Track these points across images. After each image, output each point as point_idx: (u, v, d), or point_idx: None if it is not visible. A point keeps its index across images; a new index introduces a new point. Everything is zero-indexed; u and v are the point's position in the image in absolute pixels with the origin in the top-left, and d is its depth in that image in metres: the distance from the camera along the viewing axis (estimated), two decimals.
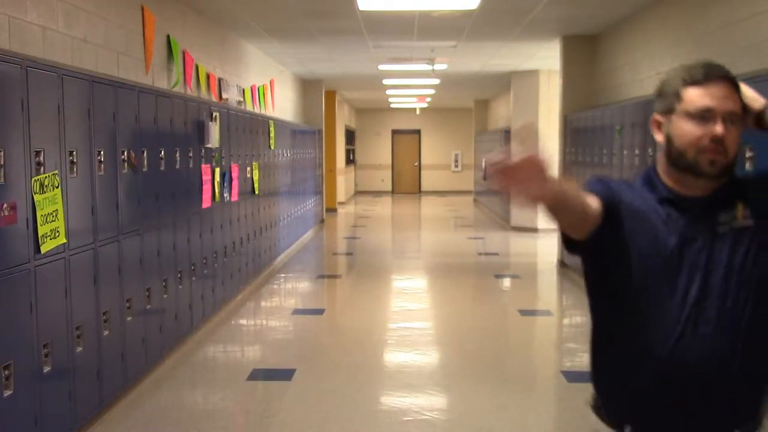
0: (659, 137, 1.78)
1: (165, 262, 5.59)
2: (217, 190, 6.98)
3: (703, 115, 1.70)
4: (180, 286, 5.94)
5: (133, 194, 4.98)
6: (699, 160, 1.71)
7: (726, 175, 1.75)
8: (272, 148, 9.78)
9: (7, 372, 3.39)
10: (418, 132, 26.08)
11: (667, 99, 1.76)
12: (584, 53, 9.53)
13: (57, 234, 3.85)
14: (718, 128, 1.69)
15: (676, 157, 1.74)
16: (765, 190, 1.77)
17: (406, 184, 26.17)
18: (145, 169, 5.17)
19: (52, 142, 3.87)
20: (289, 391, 5.10)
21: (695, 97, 1.71)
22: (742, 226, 1.74)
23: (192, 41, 7.17)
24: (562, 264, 9.86)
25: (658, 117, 1.78)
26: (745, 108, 1.79)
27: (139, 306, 5.05)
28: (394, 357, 6.09)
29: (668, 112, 1.75)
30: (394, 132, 26.11)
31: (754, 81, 4.65)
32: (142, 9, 5.85)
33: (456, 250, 12.08)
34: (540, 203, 1.55)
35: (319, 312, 7.60)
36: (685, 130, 1.71)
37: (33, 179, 3.64)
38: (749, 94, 1.84)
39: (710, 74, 1.73)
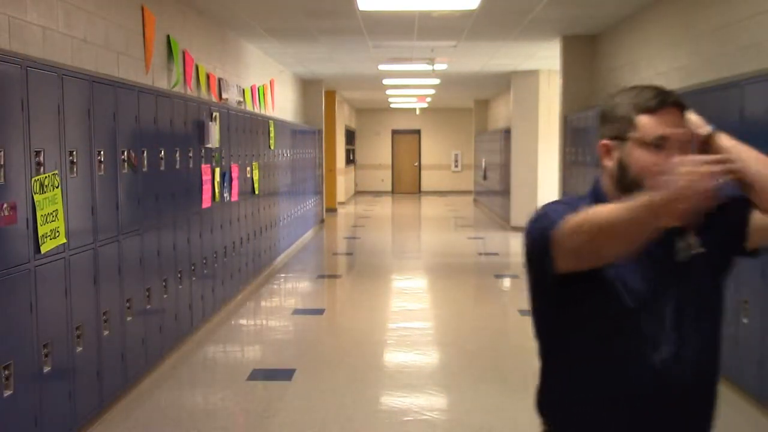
0: (609, 162, 1.77)
1: (165, 262, 5.59)
2: (217, 190, 6.98)
3: (658, 144, 1.69)
4: (180, 286, 5.94)
5: (133, 194, 4.98)
6: (653, 189, 1.70)
7: None
8: (272, 148, 9.78)
9: (7, 372, 3.39)
10: (418, 132, 26.08)
11: (618, 125, 1.75)
12: (584, 53, 9.53)
13: (57, 234, 3.85)
14: (674, 157, 1.65)
15: (629, 185, 1.71)
16: (712, 218, 1.71)
17: (406, 184, 26.16)
18: (145, 169, 5.17)
19: (52, 142, 3.87)
20: (289, 391, 5.10)
21: (649, 124, 1.70)
22: (697, 253, 1.76)
23: (192, 41, 7.17)
24: None
25: (607, 142, 1.77)
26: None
27: (139, 306, 5.04)
28: (394, 357, 6.09)
29: (620, 138, 1.74)
30: (394, 132, 26.11)
31: (755, 81, 4.67)
32: (142, 9, 5.85)
33: (456, 250, 12.08)
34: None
35: (319, 312, 7.60)
36: (640, 159, 1.70)
37: (33, 179, 3.64)
38: (695, 120, 1.84)
39: (664, 101, 1.72)
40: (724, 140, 1.81)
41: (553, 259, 1.65)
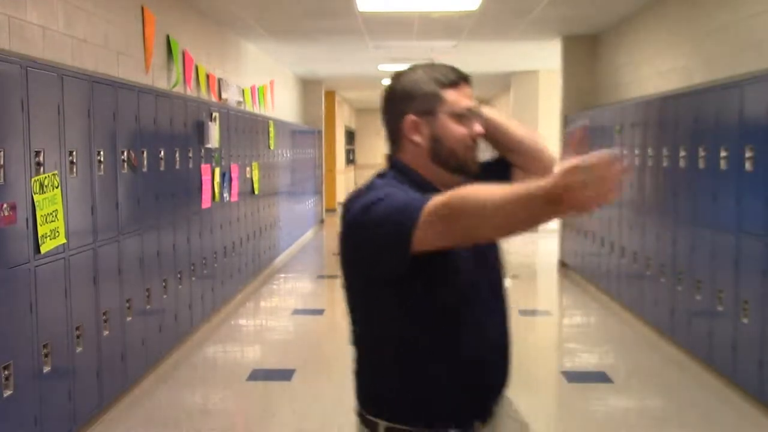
0: (418, 138, 1.79)
1: (165, 262, 5.59)
2: (216, 191, 6.98)
3: (465, 115, 1.78)
4: (180, 286, 5.94)
5: (133, 194, 4.98)
6: (467, 158, 1.80)
7: None
8: (272, 148, 9.77)
9: (7, 372, 3.39)
10: None
11: (424, 101, 1.78)
12: (584, 53, 9.53)
13: (57, 234, 3.85)
14: (479, 127, 1.80)
15: (446, 157, 1.78)
16: (494, 177, 1.74)
17: None
18: (144, 169, 5.17)
19: (52, 142, 3.87)
20: (289, 391, 5.09)
21: (455, 98, 1.78)
22: None
23: (192, 41, 7.17)
24: (562, 264, 9.86)
25: (414, 118, 1.79)
26: None
27: (139, 306, 5.04)
28: None
29: (428, 113, 1.78)
30: None
31: (755, 81, 4.66)
32: (142, 9, 5.85)
33: None
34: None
35: (319, 312, 7.60)
36: (456, 131, 1.78)
37: (33, 179, 3.64)
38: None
39: (461, 76, 1.81)
40: (488, 111, 1.91)
41: (410, 240, 1.59)
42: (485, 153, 1.92)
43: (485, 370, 1.83)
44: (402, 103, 1.81)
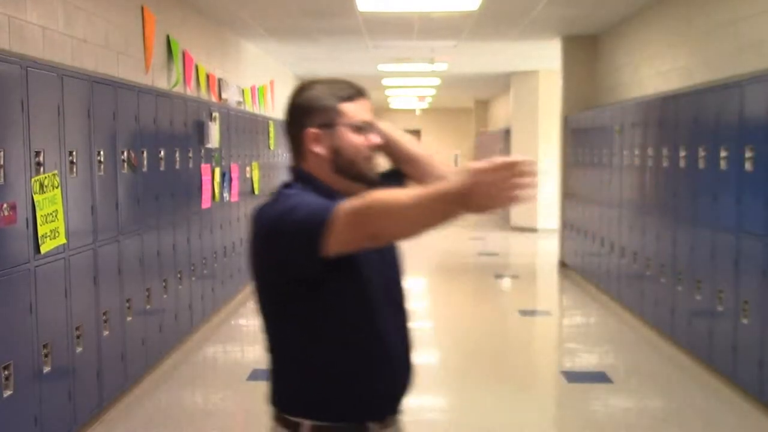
0: (320, 149, 1.89)
1: (165, 262, 5.59)
2: (216, 190, 6.98)
3: (363, 127, 1.90)
4: (180, 286, 5.94)
5: (133, 194, 4.98)
6: (366, 167, 1.91)
7: None
8: (272, 148, 9.78)
9: (7, 372, 3.39)
10: (418, 132, 26.07)
11: (323, 114, 1.89)
12: (584, 53, 9.53)
13: (57, 234, 3.85)
14: (376, 137, 1.93)
15: (347, 166, 1.89)
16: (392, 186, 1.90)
17: None
18: (144, 170, 5.17)
19: (52, 142, 3.87)
20: None
21: (353, 111, 1.90)
22: None
23: (192, 41, 7.17)
24: (562, 264, 9.86)
25: (315, 131, 1.89)
26: None
27: (139, 306, 5.04)
28: None
29: (328, 126, 1.89)
30: None
31: (755, 81, 4.66)
32: (142, 9, 5.85)
33: (456, 250, 12.08)
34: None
35: None
36: (354, 142, 1.89)
37: (33, 179, 3.64)
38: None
39: (359, 92, 1.93)
40: (383, 125, 2.05)
41: (323, 243, 1.70)
42: (383, 164, 2.07)
43: (391, 367, 1.96)
44: (303, 116, 1.91)
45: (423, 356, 6.08)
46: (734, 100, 4.84)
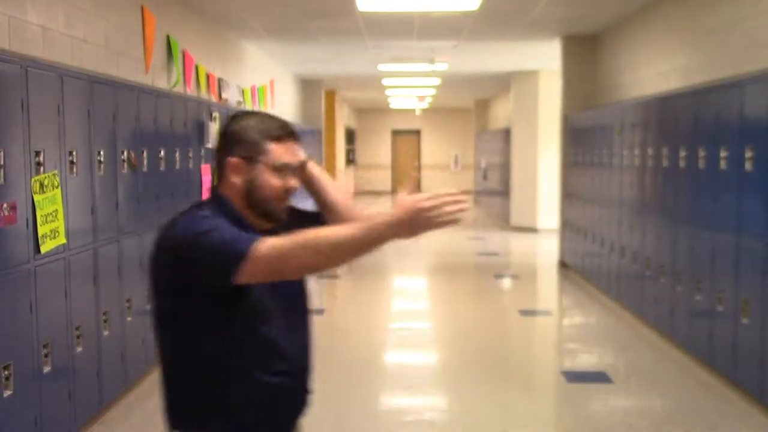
0: (236, 179, 1.93)
1: None
2: None
3: (282, 169, 1.94)
4: None
5: (133, 194, 4.97)
6: (277, 208, 1.96)
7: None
8: None
9: (7, 372, 3.39)
10: (418, 132, 26.07)
11: (248, 147, 1.92)
12: (584, 53, 9.53)
13: (57, 234, 3.85)
14: (294, 182, 1.96)
15: (257, 202, 1.94)
16: (305, 224, 1.94)
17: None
18: (144, 169, 5.16)
19: (52, 142, 3.87)
20: None
21: (277, 152, 1.93)
22: None
23: (192, 41, 7.17)
24: (562, 264, 9.86)
25: (237, 161, 1.93)
26: None
27: (139, 306, 5.04)
28: (394, 357, 6.09)
29: (250, 159, 1.92)
30: (394, 132, 26.11)
31: (755, 81, 4.66)
32: (142, 9, 5.85)
33: (456, 250, 12.08)
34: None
35: (319, 312, 7.60)
36: (271, 182, 1.93)
37: (33, 179, 3.64)
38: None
39: (288, 133, 1.96)
40: (313, 168, 2.13)
41: (237, 273, 1.78)
42: (306, 202, 2.17)
43: (281, 392, 1.99)
44: (231, 144, 1.95)
45: (423, 356, 6.09)
46: (734, 100, 4.84)
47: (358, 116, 25.72)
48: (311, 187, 2.14)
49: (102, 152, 4.47)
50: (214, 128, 6.77)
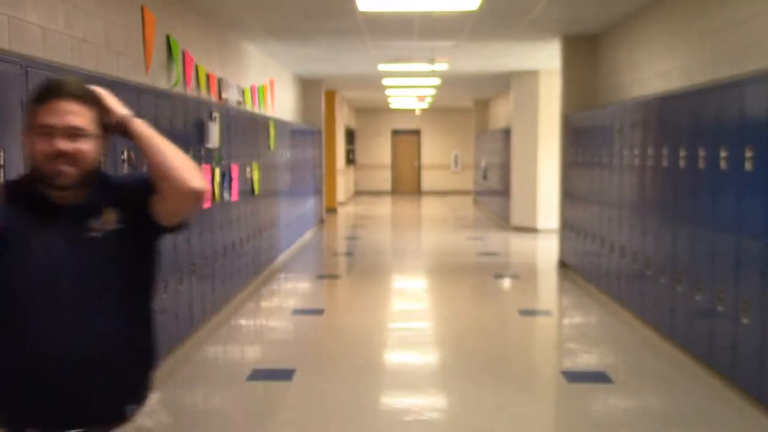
0: (28, 153, 1.94)
1: (165, 262, 5.54)
2: (216, 190, 6.98)
3: (46, 131, 1.86)
4: (180, 286, 5.94)
5: None
6: (49, 172, 1.88)
7: (87, 184, 1.96)
8: (272, 148, 9.77)
9: None
10: (418, 132, 26.08)
11: (27, 118, 1.92)
12: (584, 53, 9.53)
13: None
14: (62, 144, 1.87)
15: (35, 170, 1.90)
16: (130, 195, 1.97)
17: (406, 184, 26.17)
18: (145, 170, 5.15)
19: None
20: (289, 391, 5.10)
21: (39, 114, 1.88)
22: (114, 229, 1.99)
23: (192, 41, 7.17)
24: (562, 264, 9.87)
25: (22, 136, 1.95)
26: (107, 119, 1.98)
27: None
28: (394, 357, 6.10)
29: (27, 131, 1.91)
30: (394, 132, 26.12)
31: (755, 81, 4.67)
32: (142, 9, 5.85)
33: (456, 250, 12.08)
34: None
35: (319, 312, 7.60)
36: (36, 145, 1.88)
37: None
38: (112, 104, 2.03)
39: (52, 93, 1.88)
40: (140, 126, 2.01)
41: None
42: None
43: (46, 378, 1.88)
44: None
45: (423, 356, 6.09)
46: (734, 100, 4.84)
47: (358, 116, 25.73)
48: (140, 147, 2.02)
49: None
50: (214, 128, 6.77)
